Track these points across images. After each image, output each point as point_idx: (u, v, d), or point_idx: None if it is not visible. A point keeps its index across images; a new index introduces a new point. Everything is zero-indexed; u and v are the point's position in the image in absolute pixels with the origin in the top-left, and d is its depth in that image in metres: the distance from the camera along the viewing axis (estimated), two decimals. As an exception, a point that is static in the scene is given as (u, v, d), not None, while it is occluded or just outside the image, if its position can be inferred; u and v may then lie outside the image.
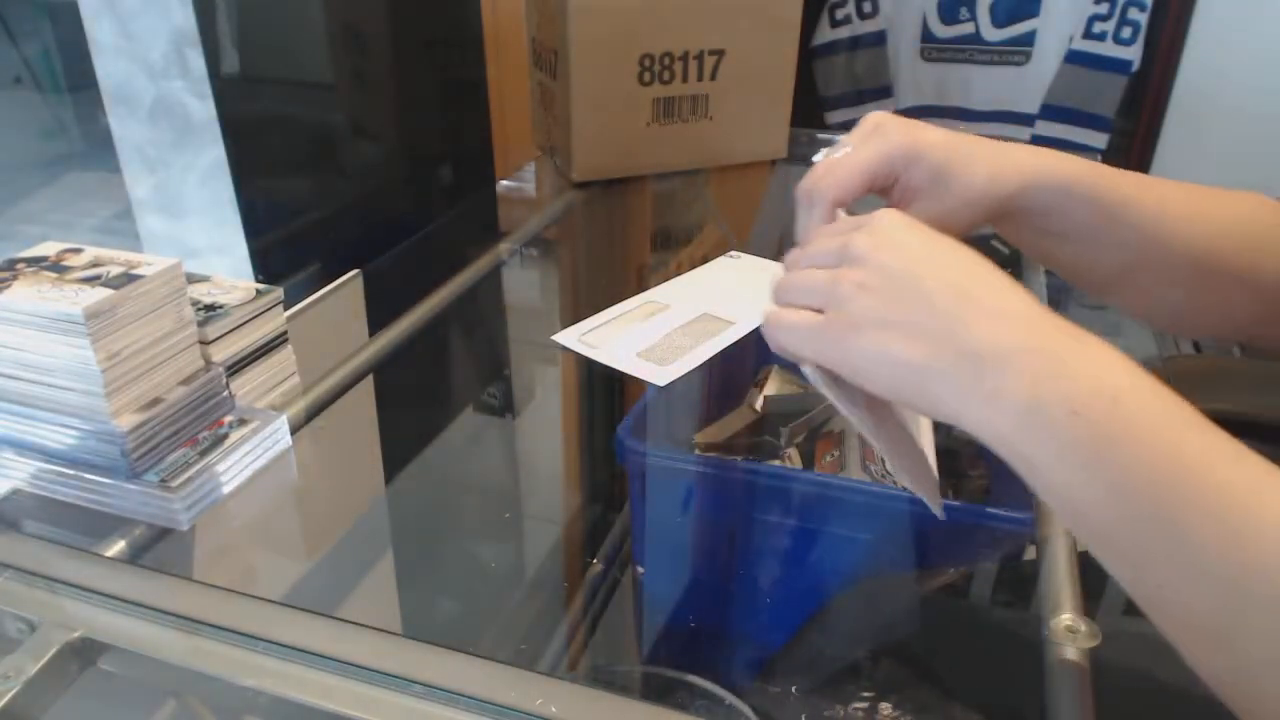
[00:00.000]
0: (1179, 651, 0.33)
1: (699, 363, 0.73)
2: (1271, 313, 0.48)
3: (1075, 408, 0.33)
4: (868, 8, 1.79)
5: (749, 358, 0.87)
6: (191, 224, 0.87)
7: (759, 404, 0.79)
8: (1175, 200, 0.47)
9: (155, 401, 0.54)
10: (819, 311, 0.39)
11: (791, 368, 0.86)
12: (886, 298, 0.37)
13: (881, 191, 0.48)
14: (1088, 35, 1.69)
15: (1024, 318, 0.36)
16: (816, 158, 0.48)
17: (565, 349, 0.77)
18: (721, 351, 0.75)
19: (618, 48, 1.07)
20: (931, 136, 0.47)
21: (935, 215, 0.46)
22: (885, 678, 0.55)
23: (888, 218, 0.40)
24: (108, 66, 0.82)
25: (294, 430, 0.62)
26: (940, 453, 0.80)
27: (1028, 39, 1.74)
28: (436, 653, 0.43)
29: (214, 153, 0.83)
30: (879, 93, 1.86)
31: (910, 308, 0.37)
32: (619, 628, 0.79)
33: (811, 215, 0.46)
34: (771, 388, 0.80)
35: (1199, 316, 0.51)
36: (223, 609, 0.45)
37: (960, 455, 0.79)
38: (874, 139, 0.46)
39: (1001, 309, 0.36)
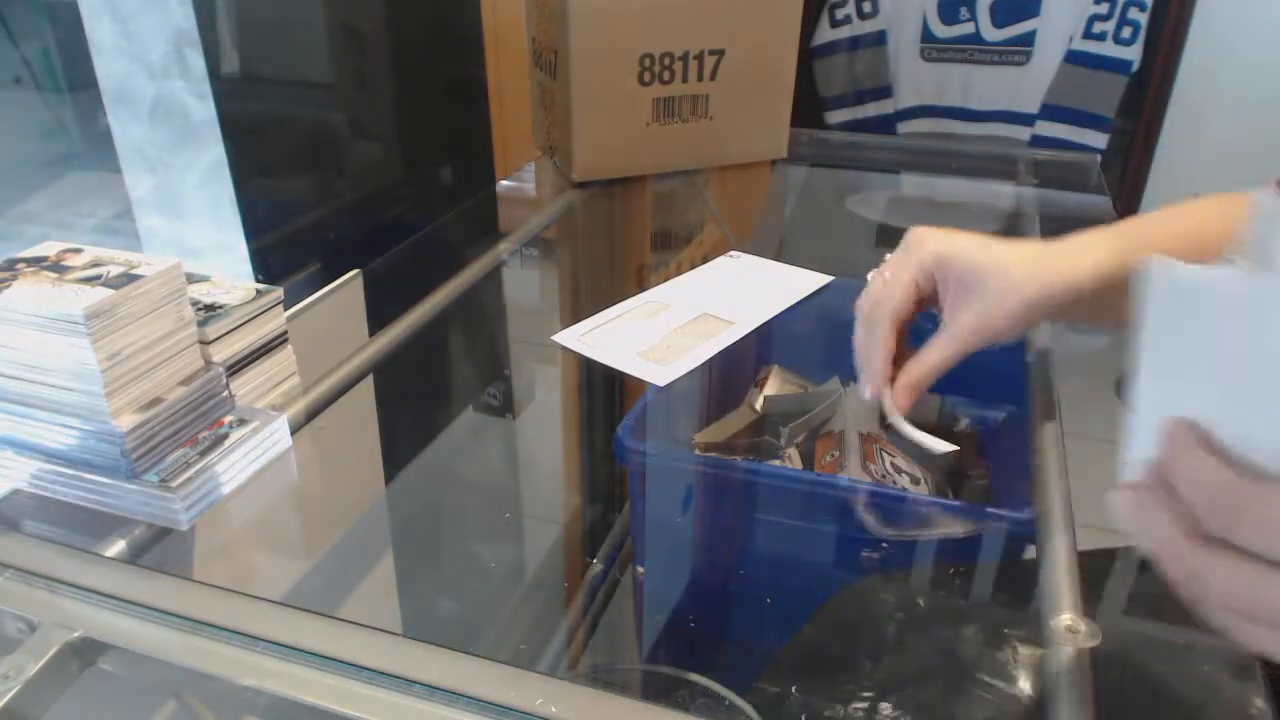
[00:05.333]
0: None
1: (699, 363, 0.73)
2: None
3: None
4: (868, 8, 1.79)
5: (749, 358, 0.86)
6: (191, 224, 0.87)
7: (759, 404, 0.79)
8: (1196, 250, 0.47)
9: (155, 401, 0.54)
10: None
11: (791, 368, 0.86)
12: None
13: (931, 299, 0.51)
14: (1088, 35, 1.69)
15: None
16: (869, 276, 0.53)
17: (565, 349, 0.77)
18: (721, 351, 0.75)
19: (618, 48, 1.07)
20: (961, 243, 0.49)
21: (979, 319, 0.48)
22: (885, 678, 0.55)
23: None
24: (108, 66, 0.82)
25: (294, 430, 0.62)
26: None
27: (1028, 39, 1.74)
28: (436, 653, 0.43)
29: (214, 153, 0.83)
30: (879, 93, 1.86)
31: None
32: (619, 628, 0.79)
33: (874, 334, 0.51)
34: (771, 388, 0.80)
35: None
36: (223, 609, 0.45)
37: (960, 455, 0.79)
38: (910, 252, 0.50)
39: None
